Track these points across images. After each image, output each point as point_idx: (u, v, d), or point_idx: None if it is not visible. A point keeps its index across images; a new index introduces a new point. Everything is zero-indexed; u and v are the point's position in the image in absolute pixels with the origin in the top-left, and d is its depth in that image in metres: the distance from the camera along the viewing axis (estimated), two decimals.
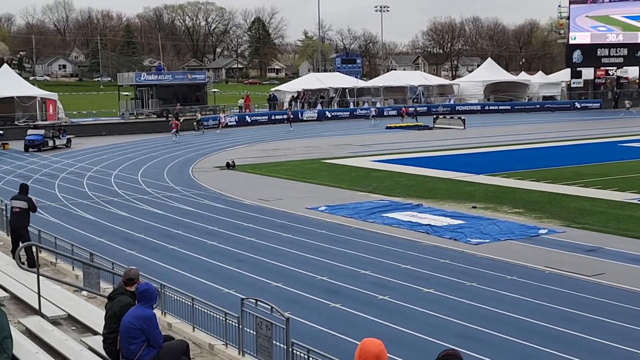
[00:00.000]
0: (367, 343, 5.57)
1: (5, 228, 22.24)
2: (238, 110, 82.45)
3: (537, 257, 22.20)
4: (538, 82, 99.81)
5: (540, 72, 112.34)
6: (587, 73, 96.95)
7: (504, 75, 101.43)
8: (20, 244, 16.79)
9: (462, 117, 71.85)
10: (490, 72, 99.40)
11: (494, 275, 20.34)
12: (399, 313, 17.28)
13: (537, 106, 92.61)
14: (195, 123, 70.22)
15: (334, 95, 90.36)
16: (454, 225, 26.63)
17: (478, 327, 16.15)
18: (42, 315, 10.69)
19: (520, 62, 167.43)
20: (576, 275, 20.20)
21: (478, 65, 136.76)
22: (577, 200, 31.20)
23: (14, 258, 13.67)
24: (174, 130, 63.12)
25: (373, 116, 79.81)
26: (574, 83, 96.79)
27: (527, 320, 16.63)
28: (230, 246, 24.10)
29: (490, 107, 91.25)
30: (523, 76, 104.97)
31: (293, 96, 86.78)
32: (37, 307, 10.97)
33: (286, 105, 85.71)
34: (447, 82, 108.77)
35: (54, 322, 10.61)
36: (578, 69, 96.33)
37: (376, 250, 23.20)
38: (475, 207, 30.03)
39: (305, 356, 12.20)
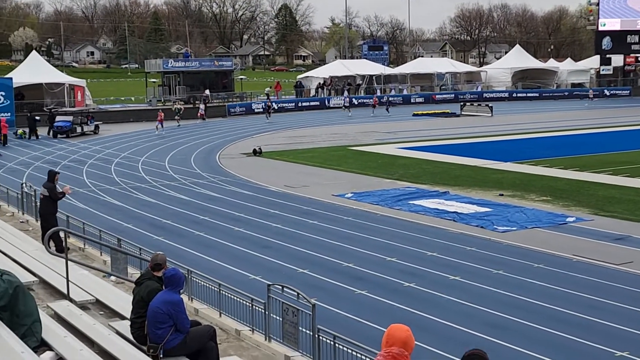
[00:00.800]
0: (394, 329, 5.56)
1: (34, 214, 22.45)
2: (265, 98, 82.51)
3: (564, 245, 22.07)
4: (567, 69, 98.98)
5: (569, 59, 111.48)
6: (617, 60, 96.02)
7: (532, 62, 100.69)
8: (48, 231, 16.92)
9: (490, 105, 71.42)
10: (518, 59, 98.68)
11: (521, 263, 20.25)
12: (425, 300, 17.25)
13: (566, 94, 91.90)
14: (175, 110, 65.44)
15: (360, 82, 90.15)
16: (480, 212, 26.53)
17: (505, 315, 16.10)
18: (71, 300, 10.78)
19: (549, 49, 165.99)
20: (604, 264, 20.07)
21: (506, 52, 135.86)
22: (605, 188, 30.96)
23: (43, 244, 13.79)
24: (159, 122, 58.61)
25: (346, 107, 74.77)
26: (603, 70, 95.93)
27: (554, 308, 16.55)
28: (257, 232, 24.16)
29: (518, 95, 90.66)
30: (551, 63, 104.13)
31: (319, 83, 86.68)
32: (65, 292, 11.06)
33: (313, 92, 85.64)
34: (474, 69, 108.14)
35: (82, 306, 10.70)
36: (607, 55, 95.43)
37: (402, 238, 23.17)
38: (502, 195, 29.89)
39: (332, 342, 12.23)
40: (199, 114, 67.61)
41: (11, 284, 8.58)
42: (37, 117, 57.36)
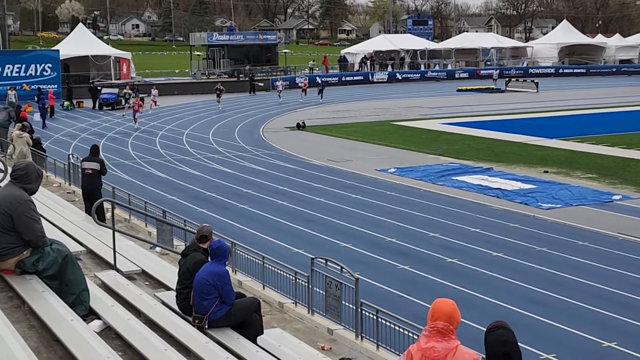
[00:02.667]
0: (439, 302, 5.56)
1: (80, 184, 22.68)
2: (308, 72, 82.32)
3: (609, 223, 21.86)
4: (615, 44, 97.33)
5: (617, 34, 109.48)
6: None
7: (579, 38, 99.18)
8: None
9: (536, 80, 70.55)
10: (566, 34, 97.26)
11: (565, 240, 20.12)
12: (467, 276, 17.23)
13: (614, 70, 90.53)
14: (123, 98, 56.42)
15: (404, 56, 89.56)
16: (524, 189, 26.34)
17: (547, 292, 16.03)
18: (117, 270, 10.92)
19: (597, 24, 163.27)
20: None
21: (553, 27, 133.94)
22: None
23: (90, 215, 13.97)
24: (131, 110, 47.64)
25: (280, 91, 63.66)
26: None
27: (597, 286, 16.44)
28: (300, 206, 24.26)
29: (565, 70, 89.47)
30: (599, 39, 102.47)
31: (363, 58, 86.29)
32: (112, 262, 11.21)
33: (356, 67, 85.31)
34: (520, 44, 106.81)
35: (129, 277, 10.83)
36: None
37: (445, 213, 23.11)
38: (547, 172, 29.64)
39: (374, 316, 12.29)
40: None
41: (60, 253, 8.72)
42: (99, 88, 58.14)
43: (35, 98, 48.64)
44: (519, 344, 5.19)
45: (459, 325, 5.53)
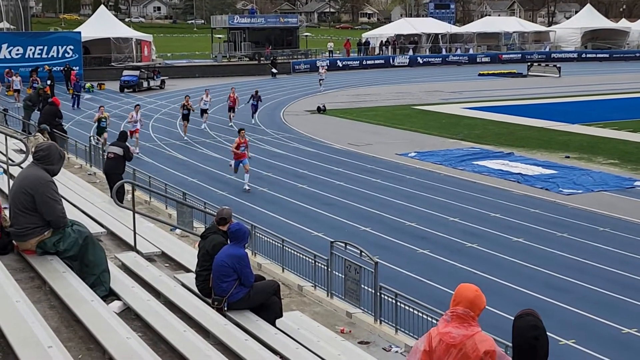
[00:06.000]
0: (462, 288, 5.52)
1: (101, 166, 22.79)
2: (328, 55, 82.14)
3: (631, 209, 21.73)
4: (638, 29, 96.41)
5: None
6: None
7: (603, 22, 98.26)
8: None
9: (558, 65, 70.02)
10: (589, 18, 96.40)
11: (586, 226, 20.02)
12: (487, 261, 17.19)
13: (637, 55, 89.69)
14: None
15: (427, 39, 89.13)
16: (545, 174, 26.21)
17: (568, 278, 15.97)
18: (137, 252, 10.95)
19: (621, 9, 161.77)
20: None
21: (576, 12, 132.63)
22: None
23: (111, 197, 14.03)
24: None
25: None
26: None
27: (618, 272, 16.36)
28: (320, 189, 24.26)
29: (588, 55, 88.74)
30: (623, 23, 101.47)
31: (382, 41, 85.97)
32: (132, 244, 11.25)
33: (377, 51, 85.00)
34: (543, 28, 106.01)
35: (149, 258, 10.86)
36: None
37: (465, 198, 23.04)
38: (568, 157, 29.47)
39: (393, 300, 12.29)
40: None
41: (81, 234, 8.76)
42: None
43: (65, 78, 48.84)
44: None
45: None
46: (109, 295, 8.72)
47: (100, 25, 69.18)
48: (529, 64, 73.73)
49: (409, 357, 5.72)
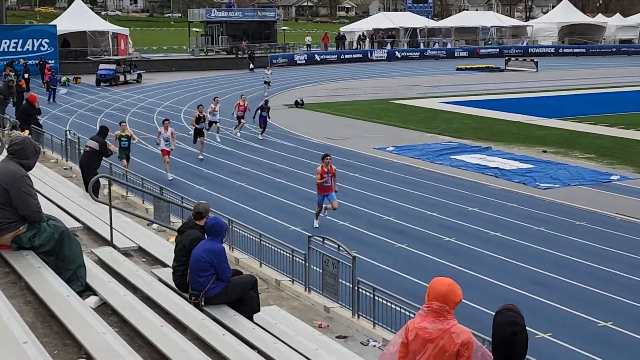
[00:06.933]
0: (435, 282, 5.52)
1: (77, 160, 22.63)
2: (306, 49, 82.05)
3: (607, 203, 21.87)
4: (615, 24, 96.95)
5: (617, 14, 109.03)
6: None
7: (579, 17, 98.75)
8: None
9: (535, 60, 70.35)
10: (566, 13, 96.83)
11: (563, 220, 20.12)
12: (465, 255, 17.24)
13: (614, 49, 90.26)
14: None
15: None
16: (523, 169, 26.33)
17: (545, 271, 16.04)
18: (114, 247, 10.89)
19: (598, 4, 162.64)
20: None
21: (553, 6, 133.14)
22: None
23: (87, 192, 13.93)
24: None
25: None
26: None
27: (595, 266, 16.46)
28: (297, 184, 24.23)
29: (565, 50, 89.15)
30: (600, 18, 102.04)
31: (360, 35, 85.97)
32: (108, 239, 11.18)
33: (355, 45, 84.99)
34: (520, 23, 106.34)
35: (125, 253, 10.81)
36: None
37: (443, 192, 23.09)
38: (545, 151, 29.61)
39: (371, 295, 12.29)
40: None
41: (57, 229, 8.69)
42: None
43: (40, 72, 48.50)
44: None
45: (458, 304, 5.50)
46: (85, 290, 8.66)
47: (76, 18, 68.71)
48: (506, 58, 74.07)
49: (387, 349, 5.72)
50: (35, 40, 60.68)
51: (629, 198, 22.57)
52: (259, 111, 32.96)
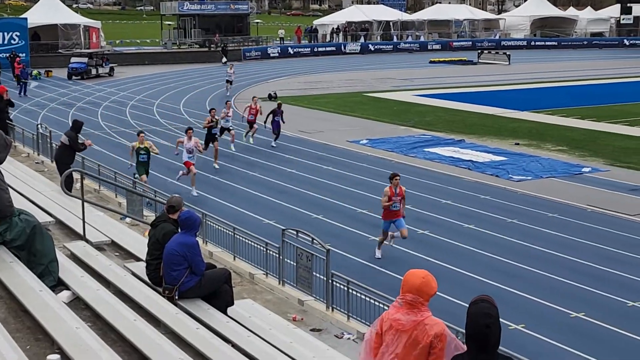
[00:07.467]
0: (409, 275, 5.54)
1: (49, 155, 22.48)
2: (279, 42, 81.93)
3: (579, 195, 22.04)
4: (586, 17, 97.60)
5: (589, 7, 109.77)
6: (638, 9, 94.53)
7: (551, 10, 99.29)
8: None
9: (508, 53, 70.69)
10: (538, 6, 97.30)
11: (535, 212, 20.25)
12: (439, 247, 17.31)
13: (585, 42, 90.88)
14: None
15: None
16: (496, 161, 26.46)
17: (518, 263, 16.14)
18: (87, 241, 10.84)
19: None
20: (618, 214, 20.06)
21: (525, 0, 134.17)
22: (621, 139, 30.80)
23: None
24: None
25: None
26: (623, 19, 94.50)
27: (567, 257, 16.59)
28: (271, 177, 24.20)
29: (537, 43, 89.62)
30: (571, 11, 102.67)
31: (333, 28, 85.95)
32: (81, 233, 11.12)
33: (328, 38, 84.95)
34: (493, 16, 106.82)
35: (98, 247, 10.76)
36: (628, 4, 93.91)
37: (417, 185, 23.15)
38: (518, 144, 29.77)
39: (345, 287, 12.30)
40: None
41: (29, 223, 8.63)
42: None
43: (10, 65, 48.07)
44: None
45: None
46: (57, 285, 8.61)
47: (47, 11, 68.07)
48: (479, 51, 74.34)
49: (364, 341, 5.74)
50: (5, 34, 60.07)
51: (600, 190, 22.76)
52: (271, 115, 29.79)
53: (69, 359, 6.72)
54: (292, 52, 76.73)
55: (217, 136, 26.24)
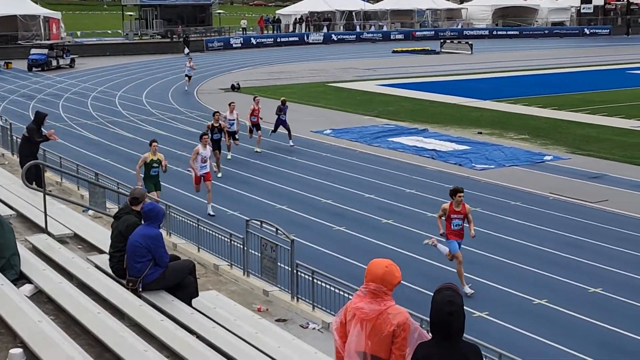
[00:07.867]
0: (373, 264, 5.55)
1: (10, 147, 22.24)
2: (242, 32, 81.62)
3: (541, 183, 22.24)
4: (547, 7, 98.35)
5: None
6: None
7: (513, 0, 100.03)
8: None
9: (470, 42, 71.12)
10: None
11: (498, 200, 20.41)
12: (402, 236, 17.38)
13: (546, 32, 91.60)
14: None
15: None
16: (459, 150, 26.61)
17: (481, 251, 16.25)
18: (49, 234, 10.74)
19: None
20: (580, 202, 20.27)
21: None
22: (582, 127, 31.11)
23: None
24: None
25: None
26: (583, 9, 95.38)
27: (530, 245, 16.74)
28: (235, 168, 24.13)
29: (499, 32, 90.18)
30: (532, 1, 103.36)
31: (296, 19, 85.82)
32: (43, 226, 11.02)
33: (291, 28, 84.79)
34: (455, 5, 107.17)
35: (61, 240, 10.67)
36: None
37: (381, 175, 23.22)
38: (480, 133, 29.96)
39: (310, 277, 12.32)
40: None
41: None
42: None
43: None
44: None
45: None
46: (19, 278, 8.54)
47: (6, 1, 67.09)
48: (441, 41, 74.69)
49: (332, 330, 5.75)
50: None
51: (562, 178, 22.98)
52: (278, 115, 27.97)
53: (31, 352, 6.66)
54: (254, 43, 76.51)
55: (219, 143, 23.68)
